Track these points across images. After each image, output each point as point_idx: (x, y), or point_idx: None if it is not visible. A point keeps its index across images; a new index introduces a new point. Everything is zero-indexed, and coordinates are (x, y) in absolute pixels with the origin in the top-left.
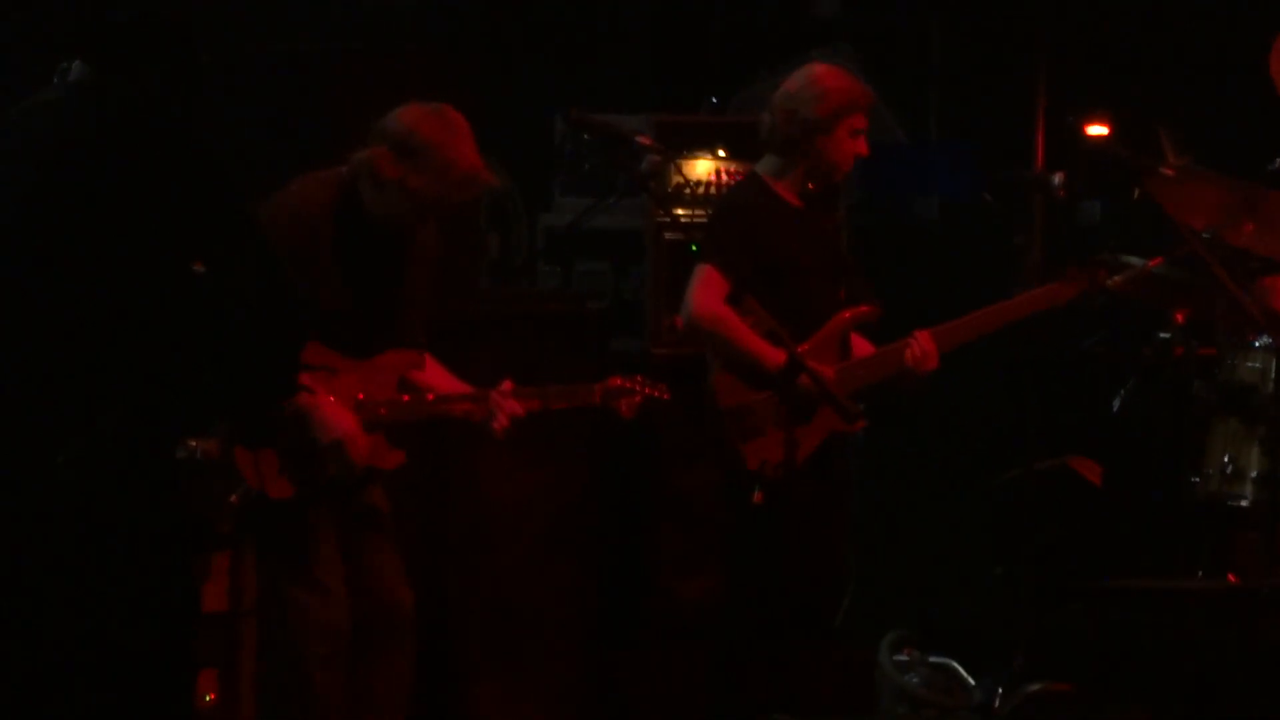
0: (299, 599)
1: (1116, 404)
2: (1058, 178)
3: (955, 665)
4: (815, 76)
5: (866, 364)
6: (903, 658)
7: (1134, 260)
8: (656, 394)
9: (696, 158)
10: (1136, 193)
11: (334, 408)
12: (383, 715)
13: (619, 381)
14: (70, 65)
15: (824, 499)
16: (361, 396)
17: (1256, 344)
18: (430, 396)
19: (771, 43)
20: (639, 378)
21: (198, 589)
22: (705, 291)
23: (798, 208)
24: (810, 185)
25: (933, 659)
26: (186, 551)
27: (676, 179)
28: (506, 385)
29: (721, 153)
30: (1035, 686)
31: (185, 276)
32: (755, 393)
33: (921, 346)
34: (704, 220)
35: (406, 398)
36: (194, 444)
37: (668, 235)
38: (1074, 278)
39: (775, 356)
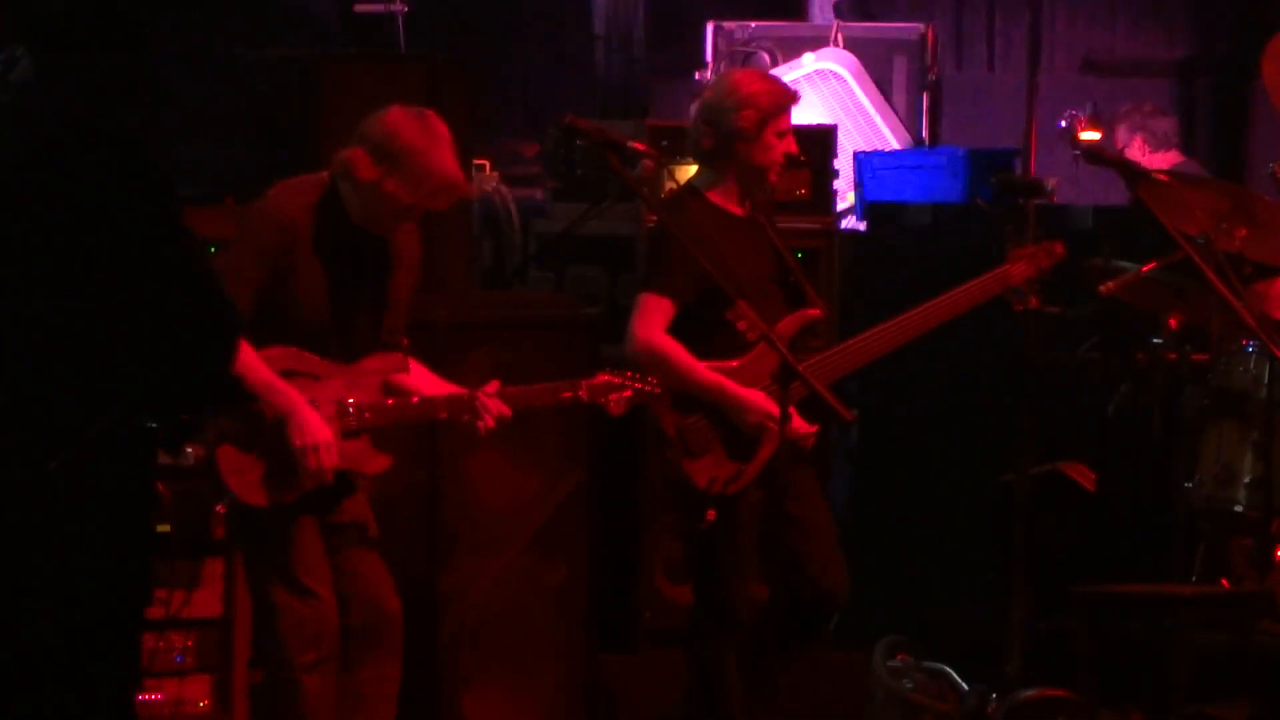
0: (287, 605)
1: (1110, 409)
2: (1051, 182)
3: (949, 671)
4: (735, 85)
5: (826, 363)
6: (896, 663)
7: (1127, 265)
8: (646, 388)
9: (690, 163)
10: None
11: (310, 414)
12: None
13: (606, 377)
14: (18, 55)
15: (778, 504)
16: (351, 401)
17: (1250, 349)
18: (415, 399)
19: (766, 49)
20: (628, 373)
21: (143, 595)
22: (645, 322)
23: (738, 216)
24: (757, 197)
25: (926, 664)
26: (120, 552)
27: (670, 184)
28: (492, 386)
29: None
30: (1029, 692)
31: (119, 282)
32: (686, 417)
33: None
34: None
35: (391, 401)
36: (189, 449)
37: None
38: (1027, 255)
39: (717, 381)
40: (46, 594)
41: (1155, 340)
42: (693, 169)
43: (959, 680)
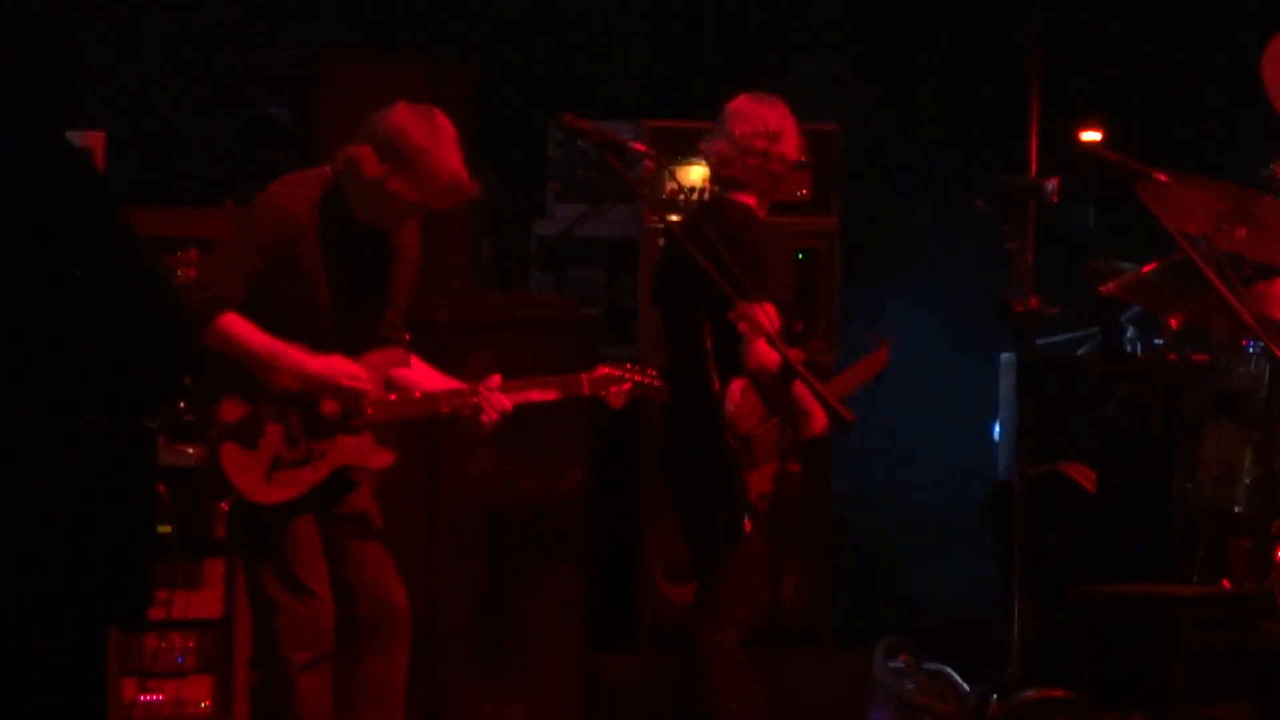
0: (284, 604)
1: (1110, 409)
2: (1051, 183)
3: (950, 671)
4: (784, 118)
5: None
6: (897, 664)
7: (1127, 266)
8: (646, 380)
9: (690, 164)
10: None
11: (316, 358)
12: (379, 714)
13: (606, 369)
14: None
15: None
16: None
17: (1250, 349)
18: (417, 394)
19: (766, 48)
20: (628, 365)
21: (144, 596)
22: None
23: None
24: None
25: (927, 665)
26: (119, 552)
27: (670, 185)
28: (494, 380)
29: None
30: (1029, 692)
31: (66, 281)
32: (763, 423)
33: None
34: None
35: (393, 396)
36: (190, 450)
37: (661, 242)
38: (877, 345)
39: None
40: (45, 593)
41: (1155, 341)
42: (694, 170)
43: (960, 681)
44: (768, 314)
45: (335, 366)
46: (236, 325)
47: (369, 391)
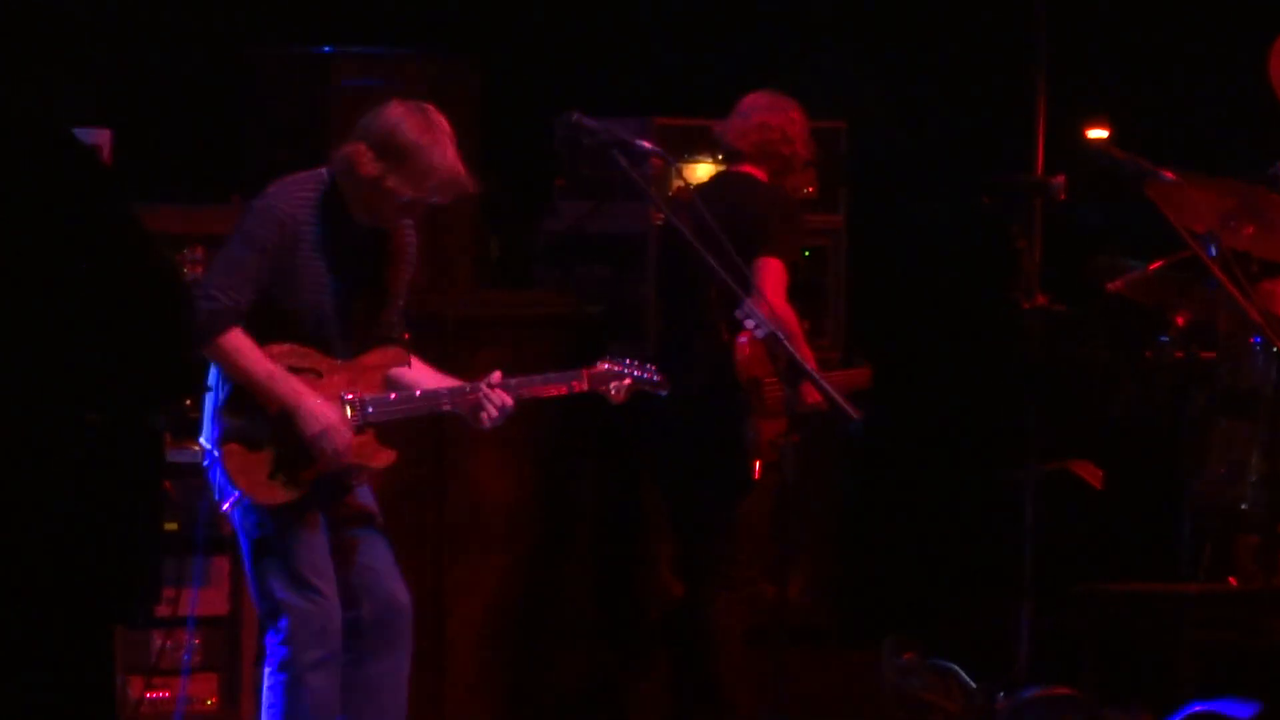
0: (292, 603)
1: (1117, 407)
2: (1058, 180)
3: (956, 669)
4: (801, 114)
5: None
6: (903, 661)
7: (1134, 263)
8: (647, 375)
9: (697, 161)
10: None
11: (315, 400)
12: (385, 715)
13: (607, 365)
14: None
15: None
16: (354, 396)
17: (1257, 346)
18: (418, 392)
19: (773, 45)
20: (628, 360)
21: (150, 594)
22: (782, 290)
23: None
24: None
25: (934, 662)
26: (125, 550)
27: (677, 183)
28: (495, 377)
29: (721, 156)
30: (1036, 690)
31: (73, 277)
32: (770, 376)
33: None
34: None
35: (394, 395)
36: (196, 448)
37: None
38: (860, 365)
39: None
40: (51, 591)
41: (1162, 338)
42: (700, 167)
43: (966, 678)
44: (774, 270)
45: (324, 421)
46: (240, 344)
47: (341, 456)
